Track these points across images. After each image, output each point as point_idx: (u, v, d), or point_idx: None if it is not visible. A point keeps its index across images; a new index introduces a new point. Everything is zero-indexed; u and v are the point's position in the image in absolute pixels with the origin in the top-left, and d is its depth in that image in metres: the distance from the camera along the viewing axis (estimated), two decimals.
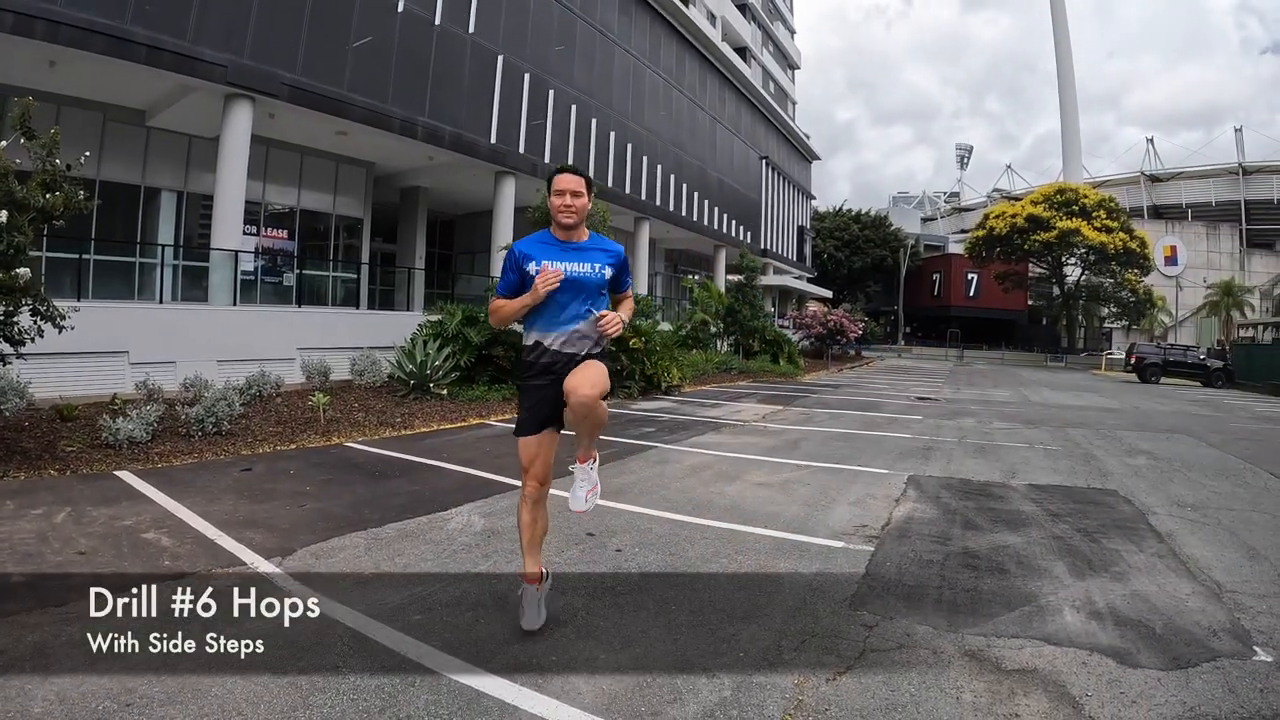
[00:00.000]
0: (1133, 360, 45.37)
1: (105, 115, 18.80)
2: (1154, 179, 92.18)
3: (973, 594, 5.50)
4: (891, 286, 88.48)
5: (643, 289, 35.31)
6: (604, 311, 4.43)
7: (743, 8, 57.56)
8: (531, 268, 4.39)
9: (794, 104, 74.01)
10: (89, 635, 4.27)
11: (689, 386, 22.83)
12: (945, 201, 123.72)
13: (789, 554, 6.34)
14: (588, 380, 4.27)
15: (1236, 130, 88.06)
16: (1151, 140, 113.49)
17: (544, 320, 4.46)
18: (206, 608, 4.71)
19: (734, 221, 47.85)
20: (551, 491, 4.72)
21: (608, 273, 4.53)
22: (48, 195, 8.61)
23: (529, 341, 4.56)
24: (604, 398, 4.37)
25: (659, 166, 37.25)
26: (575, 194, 4.44)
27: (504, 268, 4.58)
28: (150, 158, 20.07)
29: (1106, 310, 72.17)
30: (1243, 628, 5.01)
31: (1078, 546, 6.87)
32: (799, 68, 76.41)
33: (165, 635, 4.34)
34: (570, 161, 24.21)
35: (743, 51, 55.51)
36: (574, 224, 4.48)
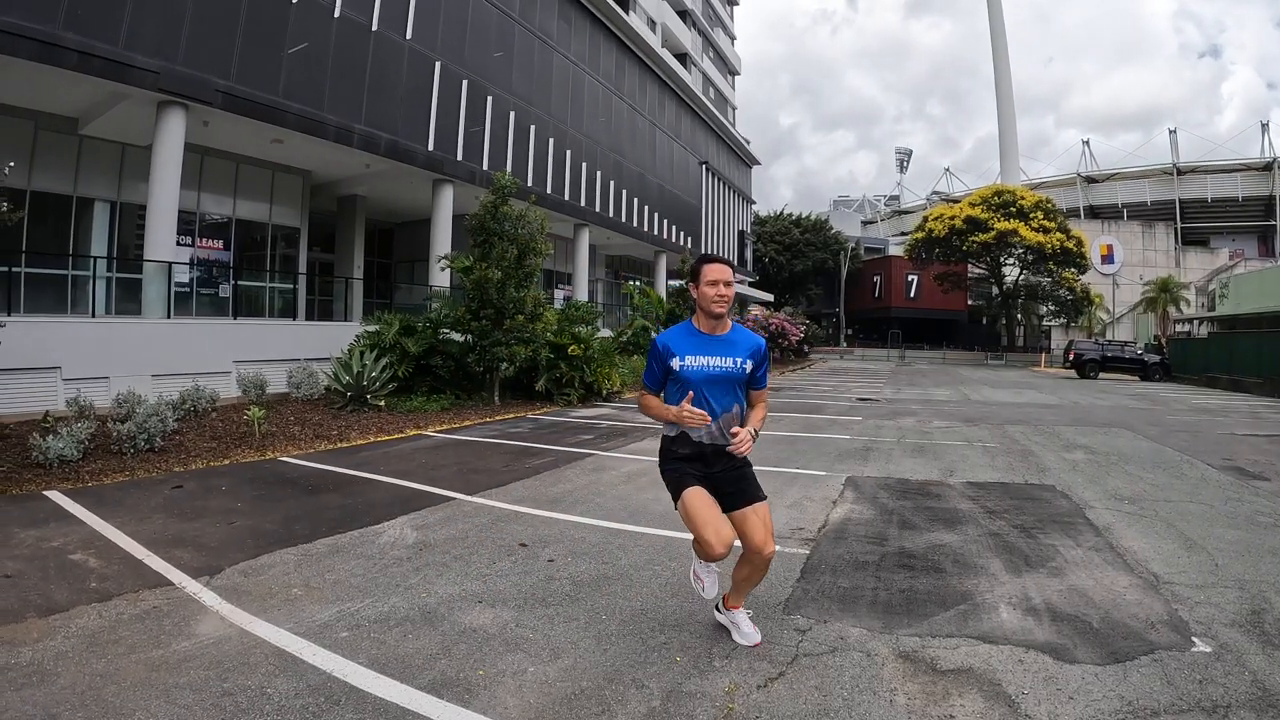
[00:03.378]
0: (1072, 357, 46.07)
1: (36, 123, 18.43)
2: (1090, 180, 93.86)
3: (908, 594, 5.53)
4: (833, 289, 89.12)
5: (583, 295, 35.44)
6: (735, 430, 4.36)
7: (683, 14, 57.81)
8: (675, 363, 4.39)
9: (734, 109, 74.40)
10: (13, 660, 4.20)
11: (629, 392, 22.81)
12: (885, 205, 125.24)
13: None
14: (769, 534, 4.40)
15: (1171, 132, 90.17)
16: (1087, 143, 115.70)
17: None
18: (131, 630, 4.66)
19: (674, 227, 47.97)
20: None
21: (749, 367, 4.47)
22: None
23: (670, 433, 4.56)
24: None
25: (598, 173, 37.28)
26: (727, 284, 4.40)
27: (649, 359, 4.55)
28: (82, 167, 19.70)
29: (1045, 309, 73.19)
30: (1180, 619, 5.08)
31: (1015, 543, 6.94)
32: (739, 73, 76.85)
33: (89, 658, 4.27)
34: (509, 169, 24.15)
35: (683, 58, 55.77)
36: (723, 314, 4.45)
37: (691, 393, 4.29)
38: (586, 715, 3.75)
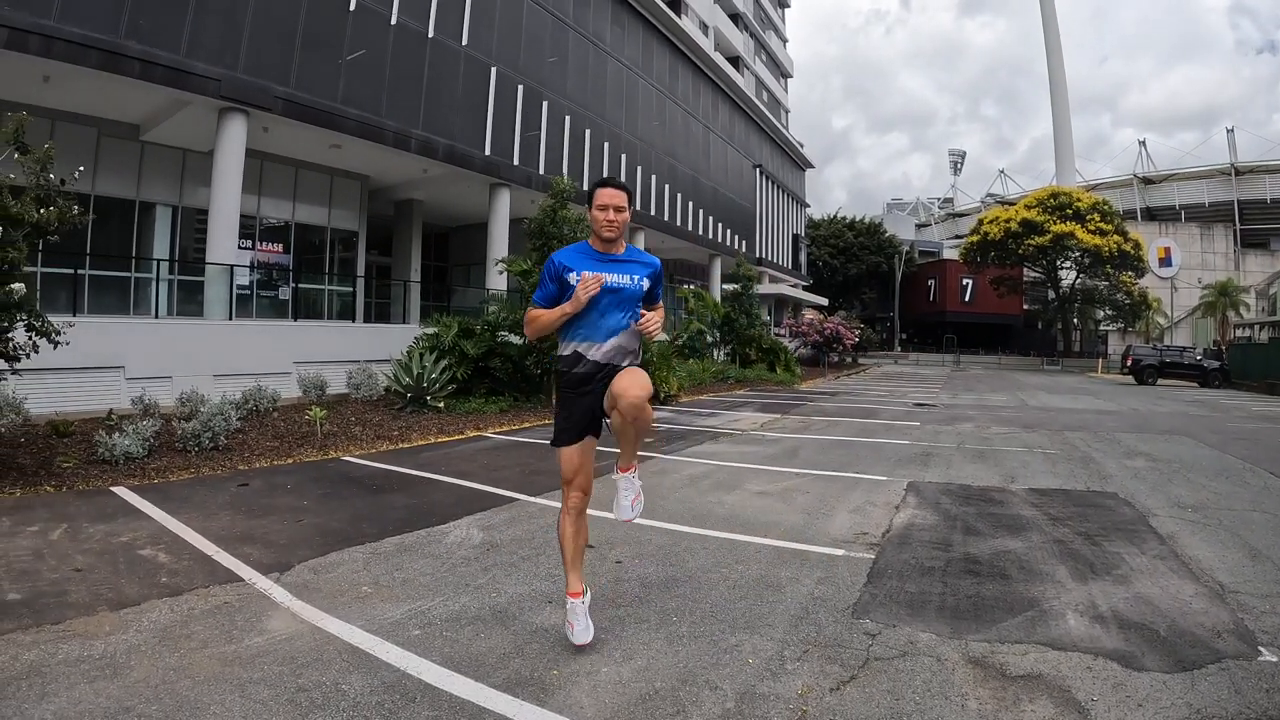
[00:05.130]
0: (1129, 362, 45.40)
1: (100, 130, 18.81)
2: (1147, 181, 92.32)
3: (975, 600, 5.47)
4: (887, 293, 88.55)
5: None
6: (642, 312, 4.47)
7: (735, 17, 57.67)
8: (572, 277, 4.41)
9: (787, 112, 74.16)
10: (86, 653, 4.26)
11: (686, 396, 22.81)
12: (939, 207, 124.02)
13: (790, 563, 6.31)
14: (636, 383, 4.29)
15: (1229, 131, 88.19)
16: (1144, 142, 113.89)
17: (583, 331, 4.49)
18: (203, 625, 4.71)
19: (729, 230, 47.95)
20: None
21: (645, 284, 4.55)
22: (42, 210, 8.59)
23: (566, 352, 4.58)
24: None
25: (653, 176, 37.37)
26: (619, 209, 4.46)
27: (542, 277, 4.58)
28: (145, 172, 20.07)
29: (1102, 313, 72.20)
30: (1247, 628, 4.97)
31: (1079, 550, 6.84)
32: (792, 76, 76.61)
33: (161, 652, 4.32)
34: (564, 173, 24.22)
35: (735, 61, 55.63)
36: (616, 237, 4.52)
37: (587, 275, 4.35)
38: (662, 716, 3.74)
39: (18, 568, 5.71)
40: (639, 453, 4.79)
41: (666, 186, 38.97)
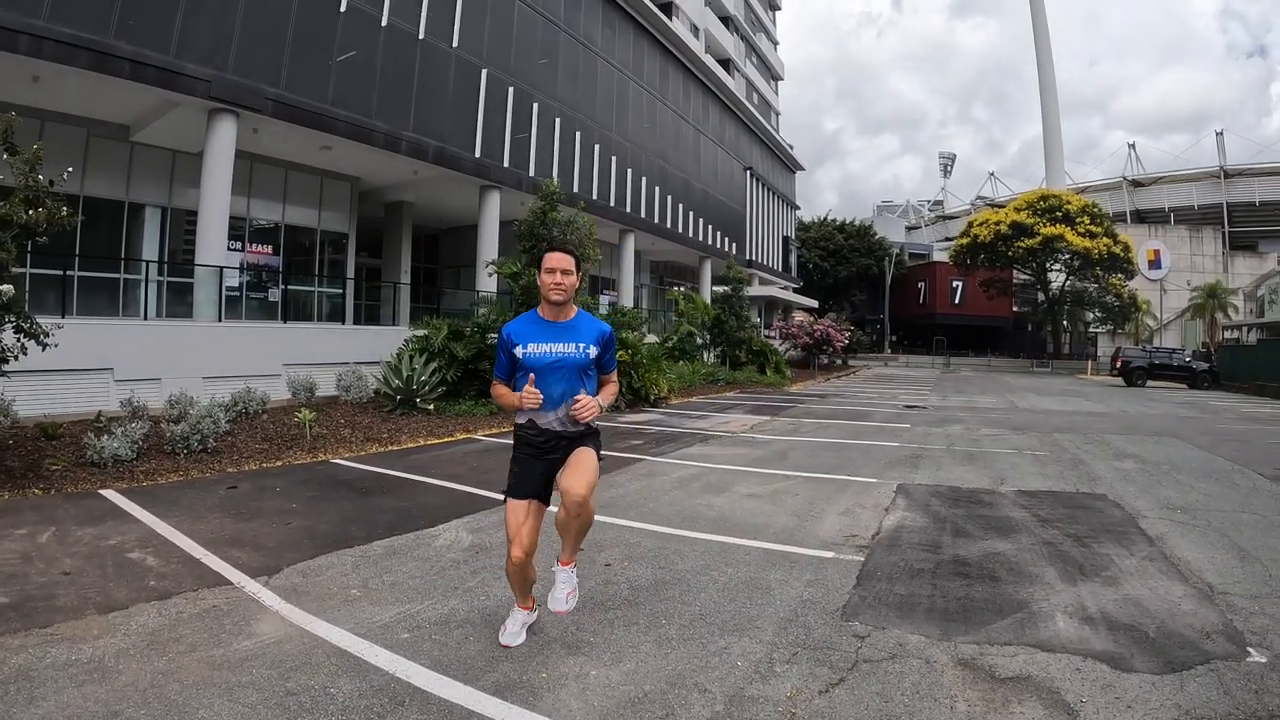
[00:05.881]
0: (1118, 364, 45.52)
1: (89, 131, 18.75)
2: (1136, 184, 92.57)
3: (964, 602, 5.48)
4: (877, 295, 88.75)
5: (628, 301, 35.49)
6: (579, 396, 4.45)
7: (725, 20, 57.70)
8: (518, 350, 4.46)
9: (777, 115, 74.20)
10: (74, 657, 4.25)
11: (676, 398, 22.81)
12: (929, 210, 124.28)
13: (779, 565, 6.32)
14: (582, 480, 4.35)
15: (1218, 134, 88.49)
16: (1133, 145, 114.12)
17: None
18: (192, 628, 4.69)
19: (719, 232, 47.99)
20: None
21: (593, 352, 4.55)
22: (30, 211, 8.56)
23: (520, 420, 4.64)
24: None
25: (643, 179, 37.38)
26: (565, 272, 4.47)
27: (498, 349, 4.61)
28: (134, 173, 20.01)
29: (1091, 315, 72.29)
30: (1236, 629, 5.00)
31: (1068, 552, 6.86)
32: (782, 78, 76.62)
33: (150, 655, 4.31)
34: (554, 176, 24.20)
35: (726, 63, 55.66)
36: (563, 301, 4.53)
37: (534, 376, 4.38)
38: (651, 718, 3.75)
39: (6, 571, 5.69)
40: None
41: (657, 189, 38.99)
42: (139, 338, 15.49)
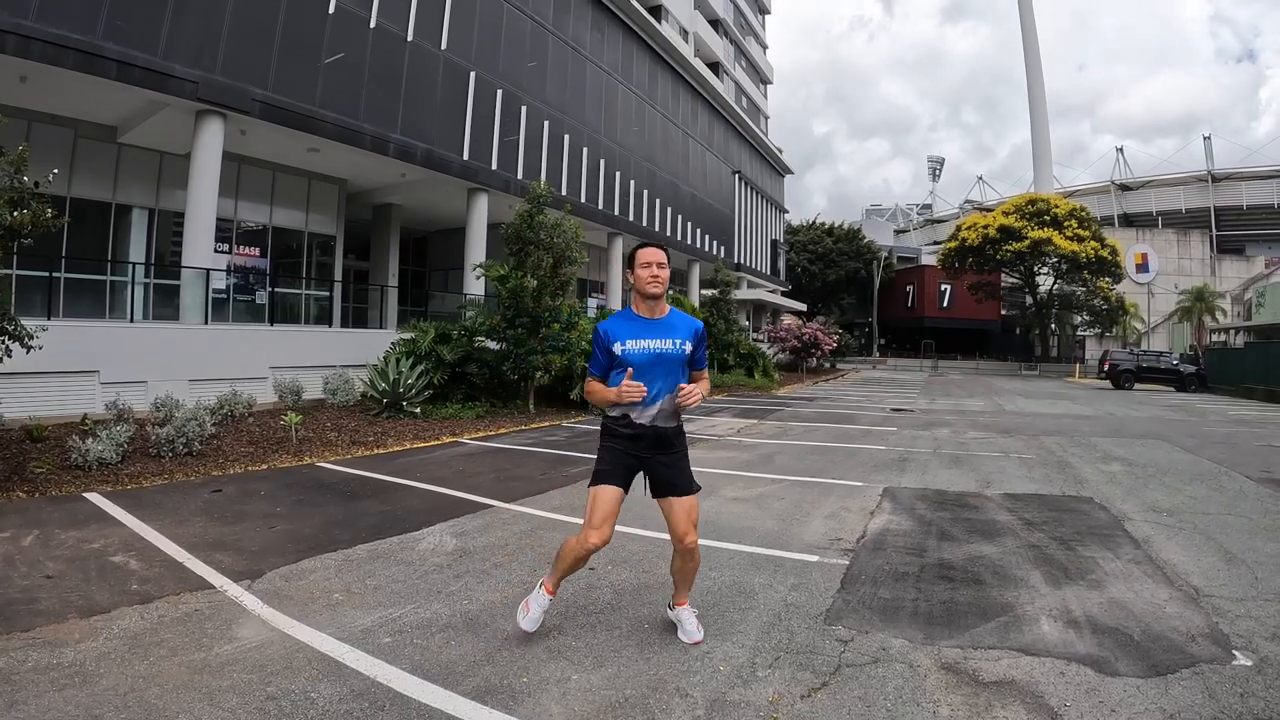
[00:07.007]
0: (1106, 367, 45.64)
1: (76, 131, 18.70)
2: (1124, 187, 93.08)
3: (949, 606, 5.47)
4: (865, 299, 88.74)
5: (617, 304, 35.49)
6: (682, 385, 4.48)
7: (715, 23, 57.75)
8: (617, 347, 4.49)
9: (767, 118, 74.28)
10: (55, 661, 4.23)
11: None
12: (918, 214, 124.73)
13: (763, 569, 6.31)
14: (694, 525, 4.64)
15: (1206, 138, 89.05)
16: (1121, 150, 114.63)
17: None
18: (173, 632, 4.67)
19: (707, 236, 48.03)
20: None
21: (688, 348, 4.59)
22: (15, 213, 8.51)
23: (615, 414, 4.62)
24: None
25: (632, 182, 37.39)
26: (661, 265, 4.54)
27: (594, 348, 4.64)
28: (121, 175, 19.95)
29: (1079, 318, 72.46)
30: (1221, 632, 4.99)
31: (1054, 555, 6.85)
32: (771, 82, 76.69)
33: (131, 659, 4.29)
34: (543, 179, 24.18)
35: (715, 67, 55.71)
36: (659, 294, 4.56)
37: (632, 370, 4.40)
38: None
39: None
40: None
41: (646, 192, 39.01)
42: (125, 340, 15.42)
